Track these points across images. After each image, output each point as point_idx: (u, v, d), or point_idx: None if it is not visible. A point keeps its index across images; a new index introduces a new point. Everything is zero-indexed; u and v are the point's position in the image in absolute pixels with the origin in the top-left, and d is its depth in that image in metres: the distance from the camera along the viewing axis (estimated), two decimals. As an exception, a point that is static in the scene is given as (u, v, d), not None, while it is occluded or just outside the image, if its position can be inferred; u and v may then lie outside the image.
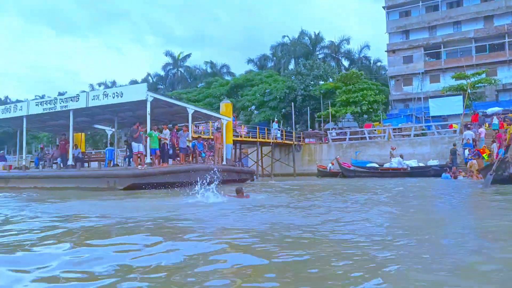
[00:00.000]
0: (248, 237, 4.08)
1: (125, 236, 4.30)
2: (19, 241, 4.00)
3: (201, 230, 4.70)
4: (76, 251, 3.46)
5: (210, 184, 8.51)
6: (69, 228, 5.01)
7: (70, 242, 3.87)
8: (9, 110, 18.17)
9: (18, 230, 4.80)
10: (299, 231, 4.40)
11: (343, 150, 29.74)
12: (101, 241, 3.95)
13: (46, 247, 3.64)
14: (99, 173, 13.65)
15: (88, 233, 4.59)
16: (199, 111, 17.19)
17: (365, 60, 49.05)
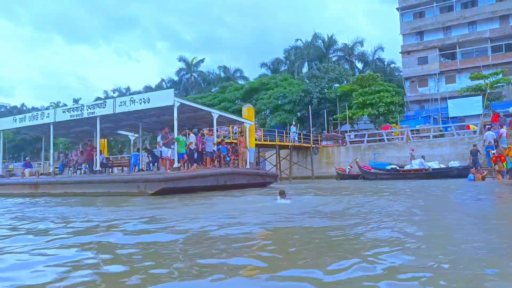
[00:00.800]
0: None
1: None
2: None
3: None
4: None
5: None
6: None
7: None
8: (36, 117, 18.53)
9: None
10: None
11: (361, 153, 29.71)
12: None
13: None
14: (130, 178, 13.87)
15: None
16: (223, 115, 17.40)
17: (379, 62, 48.93)
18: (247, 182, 16.32)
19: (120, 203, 10.13)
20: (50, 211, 8.53)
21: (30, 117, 18.87)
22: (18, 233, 5.38)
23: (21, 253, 3.80)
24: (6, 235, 5.11)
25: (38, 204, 11.13)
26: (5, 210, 9.32)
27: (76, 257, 3.57)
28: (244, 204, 9.35)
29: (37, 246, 4.12)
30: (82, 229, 5.62)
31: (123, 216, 7.02)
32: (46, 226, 5.92)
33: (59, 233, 5.06)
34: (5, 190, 16.95)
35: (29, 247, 4.03)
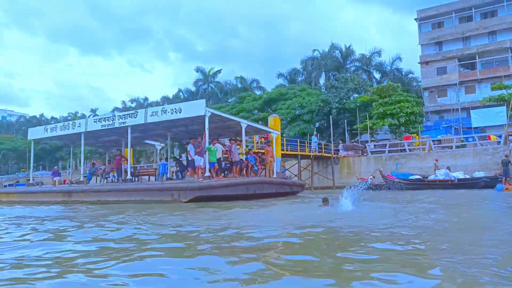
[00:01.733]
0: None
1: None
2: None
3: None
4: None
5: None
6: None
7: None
8: (67, 127, 18.96)
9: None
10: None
11: (382, 163, 29.61)
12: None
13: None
14: (164, 186, 14.09)
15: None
16: (251, 125, 17.61)
17: (397, 72, 48.86)
18: (276, 191, 16.46)
19: (181, 211, 10.08)
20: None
21: (61, 127, 19.32)
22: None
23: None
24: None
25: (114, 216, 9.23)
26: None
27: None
28: (297, 211, 9.71)
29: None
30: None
31: (227, 223, 7.13)
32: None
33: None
34: (38, 198, 17.32)
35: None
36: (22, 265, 3.60)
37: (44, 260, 3.86)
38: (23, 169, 67.76)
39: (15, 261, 3.77)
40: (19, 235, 5.95)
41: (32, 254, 4.23)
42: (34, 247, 4.73)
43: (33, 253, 4.26)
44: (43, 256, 4.10)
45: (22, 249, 4.60)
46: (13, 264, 3.63)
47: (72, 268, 3.42)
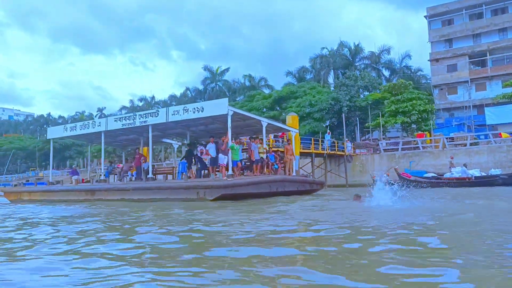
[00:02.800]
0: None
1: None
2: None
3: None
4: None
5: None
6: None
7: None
8: (87, 126, 19.09)
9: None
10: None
11: (395, 161, 29.65)
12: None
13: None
14: (189, 184, 14.20)
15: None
16: (271, 123, 17.69)
17: (406, 70, 48.80)
18: (297, 189, 16.55)
19: (223, 209, 10.07)
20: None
21: (81, 126, 19.45)
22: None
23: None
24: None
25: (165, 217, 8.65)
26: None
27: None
28: (338, 205, 10.21)
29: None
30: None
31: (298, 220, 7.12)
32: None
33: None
34: (61, 196, 17.47)
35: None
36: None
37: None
38: (32, 168, 68.28)
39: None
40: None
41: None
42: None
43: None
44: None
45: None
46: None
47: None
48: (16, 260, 3.91)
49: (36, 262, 3.77)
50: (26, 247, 4.76)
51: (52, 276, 3.20)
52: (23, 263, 3.74)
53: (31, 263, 3.70)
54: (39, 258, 3.95)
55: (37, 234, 5.98)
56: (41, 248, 4.57)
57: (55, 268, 3.46)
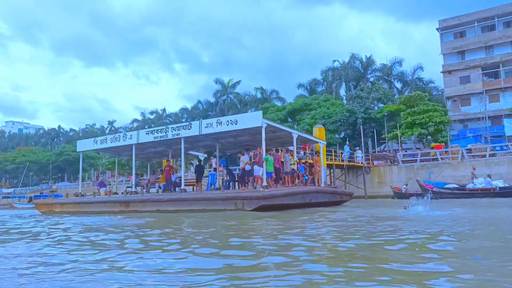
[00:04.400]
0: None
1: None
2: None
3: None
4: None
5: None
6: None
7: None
8: (118, 139, 19.47)
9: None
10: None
11: (414, 172, 29.82)
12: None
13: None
14: (227, 195, 14.47)
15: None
16: (301, 135, 18.00)
17: (419, 82, 49.15)
18: (328, 200, 16.78)
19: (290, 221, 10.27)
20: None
21: (111, 139, 19.84)
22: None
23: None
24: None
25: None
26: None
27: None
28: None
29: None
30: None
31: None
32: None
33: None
34: (94, 208, 17.77)
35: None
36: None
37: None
38: (45, 180, 68.71)
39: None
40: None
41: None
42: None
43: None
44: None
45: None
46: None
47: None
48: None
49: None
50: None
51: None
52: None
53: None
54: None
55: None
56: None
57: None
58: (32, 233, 8.70)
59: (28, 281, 3.49)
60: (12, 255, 5.12)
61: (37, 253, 5.27)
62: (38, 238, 7.55)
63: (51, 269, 4.04)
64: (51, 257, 4.87)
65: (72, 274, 3.74)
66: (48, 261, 4.56)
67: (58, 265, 4.27)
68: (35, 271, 3.99)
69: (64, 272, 3.83)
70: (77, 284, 3.30)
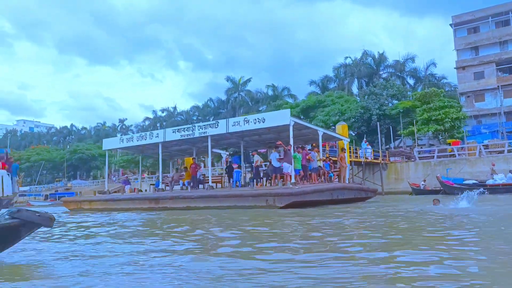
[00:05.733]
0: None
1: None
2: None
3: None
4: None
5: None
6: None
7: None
8: (144, 137, 19.84)
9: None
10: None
11: (431, 168, 29.92)
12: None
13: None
14: (258, 192, 14.78)
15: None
16: (327, 133, 18.25)
17: (431, 78, 49.10)
18: (354, 197, 17.03)
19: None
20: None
21: (138, 137, 20.22)
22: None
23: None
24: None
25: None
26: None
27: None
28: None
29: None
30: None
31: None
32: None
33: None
34: (123, 205, 18.15)
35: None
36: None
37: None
38: (58, 179, 69.49)
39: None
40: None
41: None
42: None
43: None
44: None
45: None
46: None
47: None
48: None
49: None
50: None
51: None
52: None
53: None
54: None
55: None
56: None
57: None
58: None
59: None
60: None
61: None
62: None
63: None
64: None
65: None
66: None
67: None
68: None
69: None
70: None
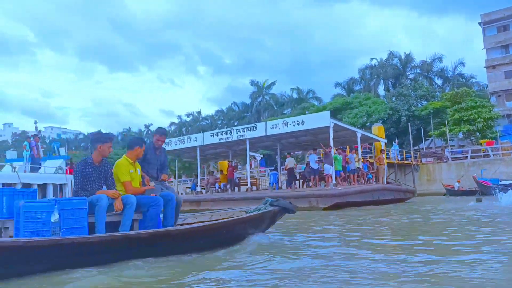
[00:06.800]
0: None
1: None
2: None
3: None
4: None
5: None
6: None
7: None
8: (182, 141, 20.29)
9: None
10: None
11: (465, 169, 29.55)
12: None
13: None
14: (301, 193, 14.97)
15: None
16: (365, 134, 18.33)
17: (460, 77, 48.37)
18: (393, 198, 17.05)
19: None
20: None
21: (176, 141, 20.69)
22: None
23: None
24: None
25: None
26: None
27: None
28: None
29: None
30: None
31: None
32: None
33: None
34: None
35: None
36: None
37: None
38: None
39: None
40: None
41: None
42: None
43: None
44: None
45: None
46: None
47: None
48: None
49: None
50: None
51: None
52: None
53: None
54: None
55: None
56: None
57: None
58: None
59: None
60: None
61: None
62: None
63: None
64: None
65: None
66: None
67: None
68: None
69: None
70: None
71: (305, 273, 3.35)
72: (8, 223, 4.20)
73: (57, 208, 3.89)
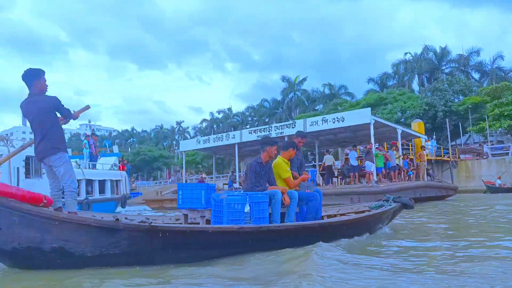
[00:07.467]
0: None
1: None
2: None
3: None
4: None
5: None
6: None
7: None
8: (221, 139, 20.62)
9: None
10: None
11: (505, 165, 28.75)
12: None
13: None
14: (342, 190, 15.03)
15: None
16: (405, 131, 18.16)
17: (499, 71, 46.85)
18: (435, 195, 16.85)
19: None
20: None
21: (214, 139, 21.05)
22: None
23: None
24: None
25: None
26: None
27: None
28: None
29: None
30: None
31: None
32: None
33: None
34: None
35: None
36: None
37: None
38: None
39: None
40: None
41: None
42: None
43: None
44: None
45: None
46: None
47: None
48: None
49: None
50: None
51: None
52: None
53: None
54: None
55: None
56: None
57: None
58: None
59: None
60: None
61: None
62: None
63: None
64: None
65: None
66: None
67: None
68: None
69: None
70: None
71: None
72: (205, 212, 5.17)
73: (248, 200, 4.55)
